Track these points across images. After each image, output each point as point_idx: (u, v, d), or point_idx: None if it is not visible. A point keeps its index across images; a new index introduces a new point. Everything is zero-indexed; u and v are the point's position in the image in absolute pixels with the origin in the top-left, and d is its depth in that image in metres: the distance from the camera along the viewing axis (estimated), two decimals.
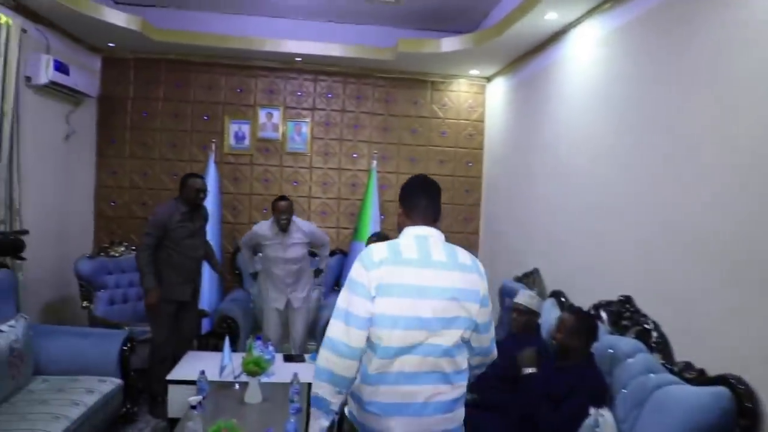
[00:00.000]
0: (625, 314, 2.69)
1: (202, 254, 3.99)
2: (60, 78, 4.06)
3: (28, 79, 3.94)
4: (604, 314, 2.83)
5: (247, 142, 5.18)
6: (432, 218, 1.91)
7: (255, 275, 4.44)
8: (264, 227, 4.09)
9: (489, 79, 5.36)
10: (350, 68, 5.24)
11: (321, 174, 5.30)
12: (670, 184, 2.49)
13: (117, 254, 4.45)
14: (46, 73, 3.95)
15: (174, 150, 5.13)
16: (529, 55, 4.30)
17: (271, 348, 3.05)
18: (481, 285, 1.83)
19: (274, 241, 4.04)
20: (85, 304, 4.15)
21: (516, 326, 3.15)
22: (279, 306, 4.14)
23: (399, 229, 1.94)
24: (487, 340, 1.88)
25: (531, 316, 3.13)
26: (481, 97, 5.43)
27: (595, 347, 2.60)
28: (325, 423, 1.76)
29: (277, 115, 5.19)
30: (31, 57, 3.92)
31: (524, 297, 3.19)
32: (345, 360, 1.71)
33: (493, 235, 5.06)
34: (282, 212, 3.96)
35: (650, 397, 2.15)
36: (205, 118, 5.15)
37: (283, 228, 4.00)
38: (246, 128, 5.17)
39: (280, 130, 5.20)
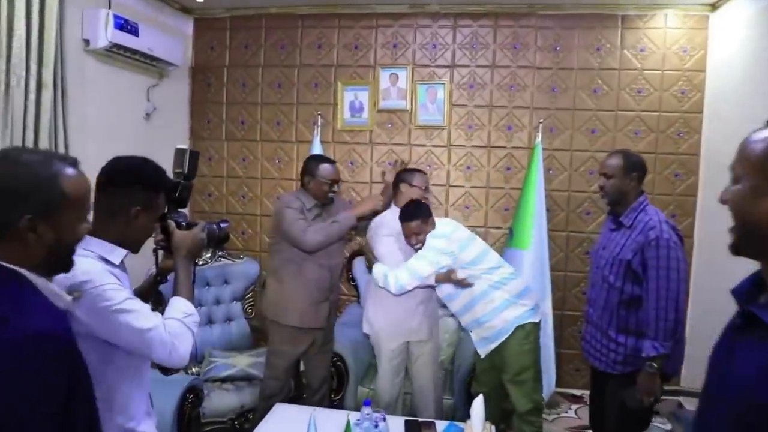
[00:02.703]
0: None
1: (340, 263, 2.96)
2: (125, 39, 3.14)
3: (86, 42, 3.06)
4: None
5: (365, 114, 3.96)
6: None
7: None
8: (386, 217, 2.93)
9: (714, 6, 3.57)
10: (503, 5, 3.77)
11: (463, 154, 3.92)
12: None
13: (202, 262, 3.51)
14: (105, 34, 3.03)
15: (278, 129, 4.08)
16: None
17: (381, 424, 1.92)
18: None
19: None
20: None
21: None
22: (395, 343, 2.91)
23: None
24: None
25: None
26: (701, 35, 3.66)
27: None
28: None
29: (403, 77, 3.90)
30: (87, 14, 3.03)
31: None
32: None
33: (714, 242, 3.31)
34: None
35: None
36: (315, 86, 4.02)
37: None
38: (364, 96, 3.95)
39: (408, 96, 3.90)
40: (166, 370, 1.60)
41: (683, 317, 2.14)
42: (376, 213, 2.90)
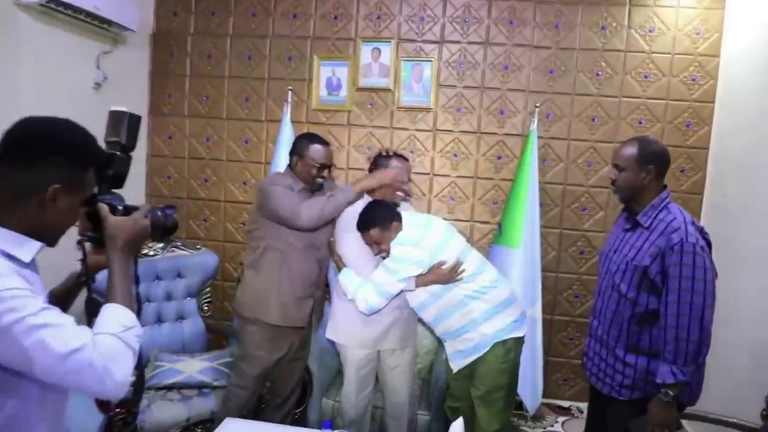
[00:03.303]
0: None
1: (326, 255, 2.60)
2: None
3: None
4: None
5: (343, 92, 3.56)
6: None
7: None
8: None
9: None
10: None
11: (450, 140, 3.55)
12: None
13: (153, 253, 3.11)
14: None
15: (246, 106, 3.68)
16: None
17: None
18: None
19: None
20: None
21: None
22: (363, 351, 2.56)
23: None
24: None
25: None
26: (716, 15, 3.30)
27: None
28: None
29: (386, 53, 3.51)
30: None
31: None
32: None
33: (721, 245, 2.97)
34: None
35: None
36: (288, 59, 3.62)
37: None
38: (342, 72, 3.55)
39: (391, 74, 3.51)
40: (103, 404, 1.21)
41: (708, 338, 1.79)
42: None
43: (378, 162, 2.55)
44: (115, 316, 1.14)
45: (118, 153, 1.27)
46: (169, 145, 3.77)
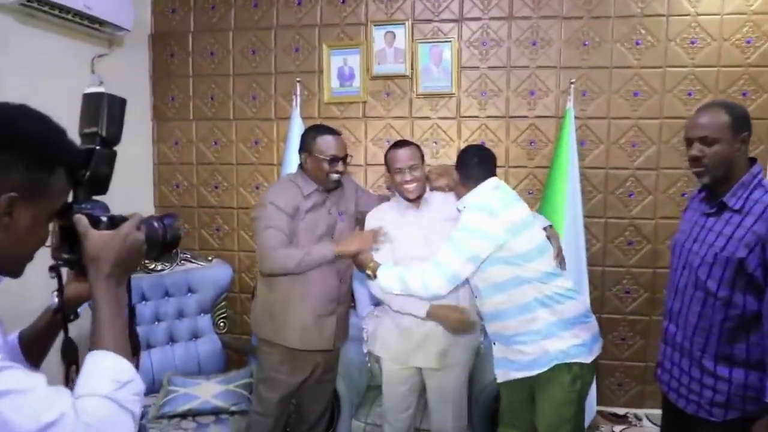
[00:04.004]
0: None
1: (348, 267, 2.33)
2: None
3: None
4: None
5: (356, 82, 3.28)
6: None
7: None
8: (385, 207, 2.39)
9: None
10: None
11: (476, 128, 3.23)
12: None
13: (161, 268, 2.87)
14: None
15: (254, 105, 3.42)
16: None
17: None
18: None
19: (395, 218, 2.29)
20: None
21: None
22: (397, 366, 2.28)
23: None
24: None
25: None
26: None
27: None
28: None
29: (401, 36, 3.21)
30: None
31: None
32: None
33: None
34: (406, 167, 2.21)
35: None
36: (295, 50, 3.35)
37: (411, 194, 2.23)
38: (354, 61, 3.26)
39: (408, 59, 3.21)
40: None
41: None
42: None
43: (386, 159, 2.29)
44: (103, 367, 0.86)
45: (96, 148, 1.00)
46: (175, 151, 3.54)
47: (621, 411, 3.27)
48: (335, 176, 2.21)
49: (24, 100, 0.89)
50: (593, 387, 2.89)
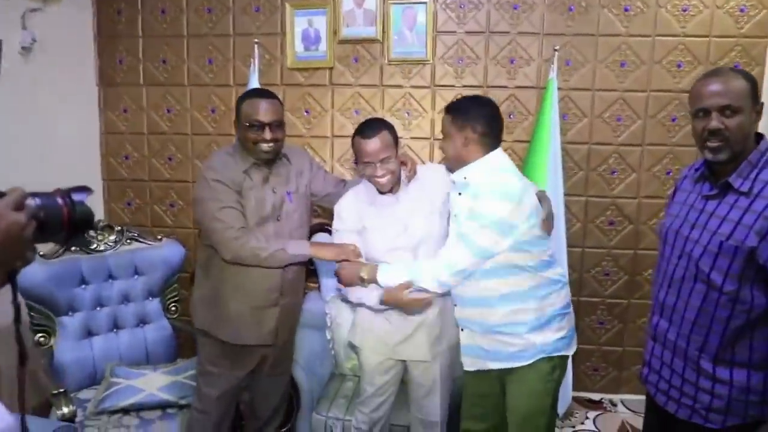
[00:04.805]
0: None
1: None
2: None
3: None
4: None
5: (322, 46, 3.00)
6: None
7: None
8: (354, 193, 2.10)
9: None
10: None
11: (452, 97, 2.96)
12: None
13: (103, 248, 2.60)
14: None
15: (210, 70, 3.12)
16: None
17: None
18: None
19: (370, 207, 2.03)
20: (40, 339, 2.37)
21: None
22: (380, 357, 2.08)
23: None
24: None
25: None
26: None
27: None
28: None
29: None
30: None
31: None
32: None
33: None
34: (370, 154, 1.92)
35: None
36: (255, 9, 3.05)
37: (383, 188, 1.97)
38: (320, 22, 2.98)
39: (379, 21, 2.94)
40: None
41: None
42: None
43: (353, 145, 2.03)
44: None
45: None
46: (124, 119, 3.23)
47: (596, 396, 3.15)
48: (264, 146, 1.94)
49: None
50: (569, 373, 2.77)
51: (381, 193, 2.00)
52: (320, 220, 2.85)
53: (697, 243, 1.45)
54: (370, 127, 1.95)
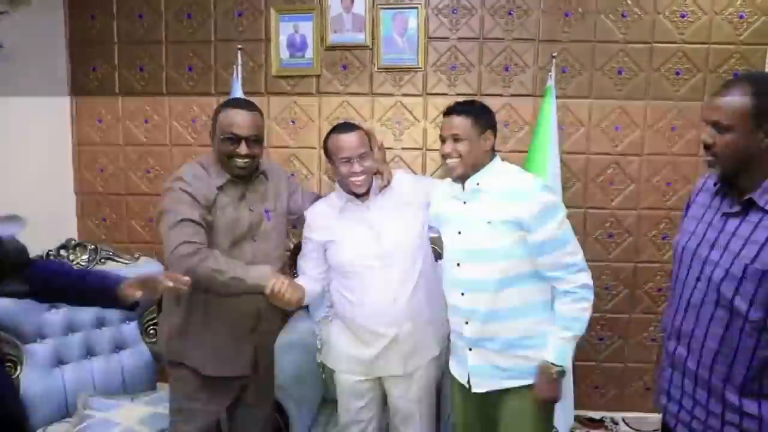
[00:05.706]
0: None
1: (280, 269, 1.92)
2: None
3: None
4: None
5: (309, 53, 2.86)
6: None
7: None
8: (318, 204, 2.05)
9: None
10: None
11: (445, 106, 2.87)
12: None
13: (76, 268, 2.42)
14: None
15: (191, 77, 2.97)
16: None
17: None
18: None
19: (347, 223, 1.94)
20: (6, 369, 2.18)
21: None
22: (356, 377, 1.97)
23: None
24: None
25: None
26: None
27: None
28: None
29: (360, 1, 2.81)
30: None
31: None
32: None
33: None
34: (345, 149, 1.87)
35: None
36: (238, 14, 2.90)
37: (359, 189, 1.90)
38: (307, 28, 2.85)
39: (368, 27, 2.82)
40: None
41: None
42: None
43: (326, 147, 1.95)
44: None
45: None
46: (99, 130, 3.05)
47: (597, 415, 3.04)
48: (239, 161, 1.78)
49: None
50: (571, 391, 2.66)
51: (356, 196, 1.90)
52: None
53: (717, 265, 1.33)
54: (345, 125, 1.94)
